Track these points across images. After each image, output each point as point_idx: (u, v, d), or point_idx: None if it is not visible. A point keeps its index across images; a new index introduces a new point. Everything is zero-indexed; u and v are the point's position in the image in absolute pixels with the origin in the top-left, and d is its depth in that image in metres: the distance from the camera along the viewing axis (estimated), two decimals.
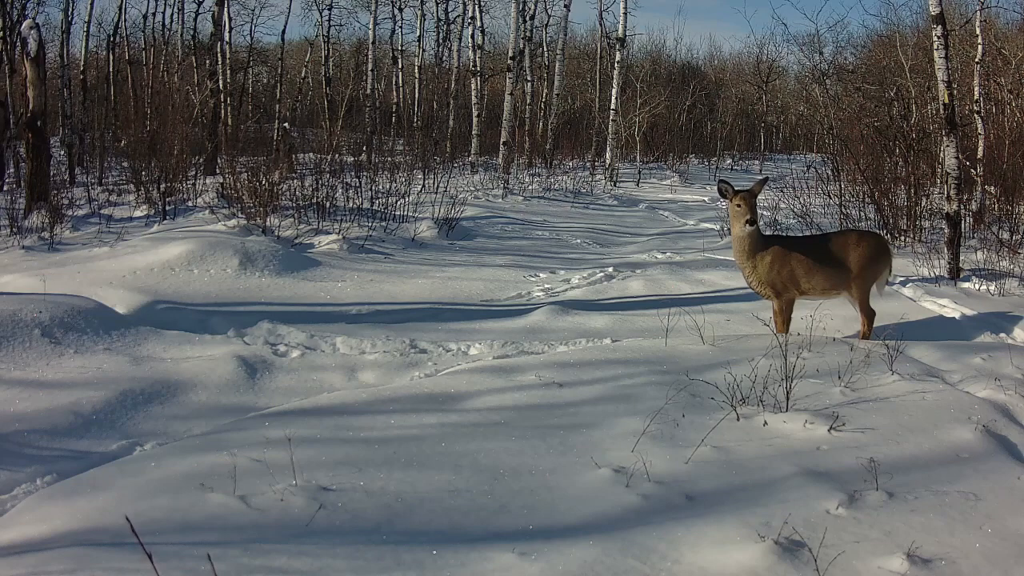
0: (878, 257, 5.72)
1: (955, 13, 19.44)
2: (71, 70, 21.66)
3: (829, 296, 5.79)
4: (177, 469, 3.37)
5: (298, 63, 35.94)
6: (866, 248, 5.67)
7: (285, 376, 4.99)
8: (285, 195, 10.12)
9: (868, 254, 5.65)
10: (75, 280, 6.83)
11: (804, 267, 5.57)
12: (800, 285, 5.58)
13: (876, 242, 5.85)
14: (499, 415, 4.07)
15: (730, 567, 2.67)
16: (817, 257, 5.63)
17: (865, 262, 5.62)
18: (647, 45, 37.18)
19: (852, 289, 5.64)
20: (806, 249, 5.70)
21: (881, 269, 5.76)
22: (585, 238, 11.15)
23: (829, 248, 5.73)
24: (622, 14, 20.77)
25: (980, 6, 13.02)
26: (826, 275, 5.61)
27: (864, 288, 5.65)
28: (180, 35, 26.67)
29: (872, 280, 5.71)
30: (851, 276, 5.60)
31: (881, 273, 5.77)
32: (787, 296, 5.61)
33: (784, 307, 5.61)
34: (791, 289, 5.59)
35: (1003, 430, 3.79)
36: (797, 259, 5.57)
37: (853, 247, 5.66)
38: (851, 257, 5.62)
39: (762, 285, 5.62)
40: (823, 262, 5.62)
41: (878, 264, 5.72)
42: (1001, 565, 2.72)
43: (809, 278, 5.58)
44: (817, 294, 5.70)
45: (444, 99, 27.65)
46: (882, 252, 5.78)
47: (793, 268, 5.56)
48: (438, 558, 2.69)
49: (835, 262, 5.62)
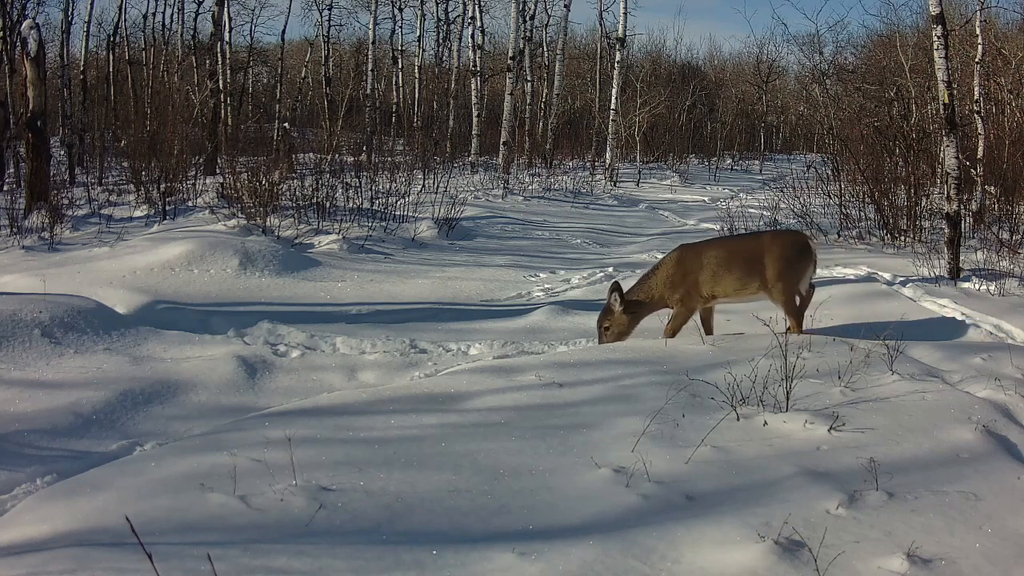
0: (798, 256, 5.49)
1: (955, 13, 19.45)
2: (71, 70, 21.65)
3: (743, 298, 5.59)
4: (177, 469, 3.37)
5: (298, 63, 35.94)
6: (782, 248, 5.47)
7: (285, 376, 5.00)
8: (285, 195, 10.13)
9: (785, 254, 5.44)
10: (75, 280, 6.83)
11: (709, 271, 5.41)
12: (703, 291, 5.41)
13: (793, 240, 5.62)
14: (499, 415, 4.06)
15: (730, 567, 2.67)
16: (726, 260, 5.45)
17: (783, 263, 5.42)
18: (647, 45, 37.25)
19: (772, 292, 5.44)
20: (713, 251, 5.54)
21: (804, 268, 5.51)
22: (585, 238, 11.15)
23: (741, 250, 5.56)
24: (622, 14, 20.78)
25: (980, 6, 13.02)
26: (736, 277, 5.42)
27: (787, 290, 5.44)
28: (180, 35, 26.68)
29: (796, 281, 5.48)
30: (769, 278, 5.40)
31: (805, 272, 5.52)
32: (689, 305, 5.44)
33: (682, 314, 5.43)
34: (694, 297, 5.42)
35: (1003, 430, 3.78)
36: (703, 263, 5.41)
37: (768, 248, 5.47)
38: (767, 259, 5.42)
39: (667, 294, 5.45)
40: (733, 265, 5.43)
41: (799, 263, 5.48)
42: (1001, 565, 2.72)
43: (715, 282, 5.40)
44: (730, 296, 5.52)
45: (444, 99, 27.65)
46: (802, 250, 5.53)
47: (697, 274, 5.40)
48: (438, 558, 2.69)
49: (748, 264, 5.43)
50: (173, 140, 12.36)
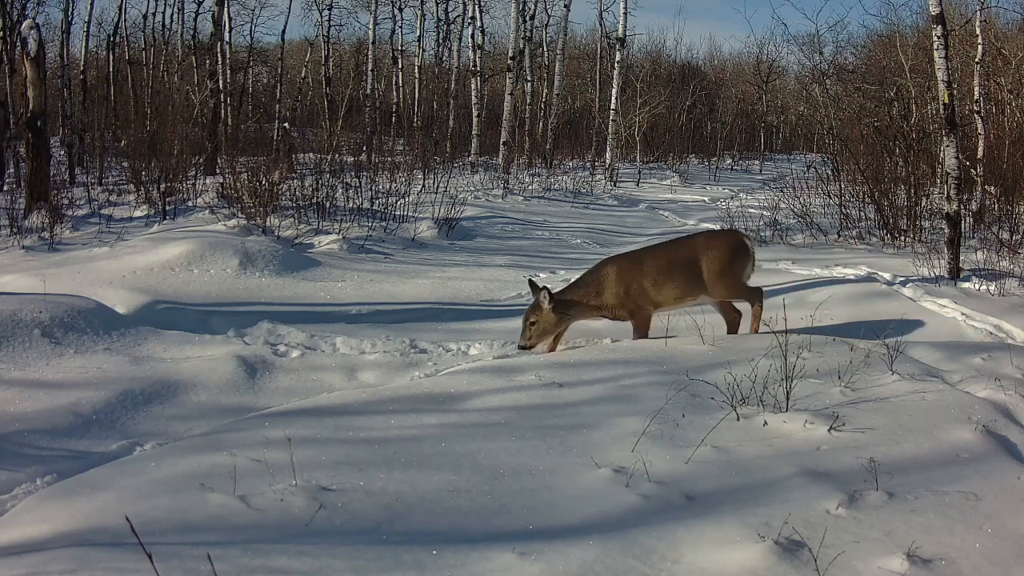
0: (735, 255, 5.45)
1: (955, 13, 19.45)
2: (71, 70, 21.66)
3: (686, 304, 5.57)
4: (177, 469, 3.37)
5: (298, 63, 35.95)
6: (718, 249, 5.44)
7: (285, 376, 5.00)
8: (285, 195, 10.13)
9: (722, 256, 5.41)
10: (75, 280, 6.83)
11: (651, 279, 5.37)
12: (651, 298, 5.39)
13: (729, 240, 5.59)
14: (499, 415, 4.06)
15: (730, 567, 2.67)
16: (666, 268, 5.42)
17: (720, 265, 5.39)
18: (647, 45, 37.27)
19: (714, 292, 5.41)
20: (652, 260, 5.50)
21: (743, 267, 5.48)
22: (585, 238, 11.15)
23: (678, 256, 5.51)
24: (622, 14, 20.78)
25: (980, 6, 13.02)
26: (677, 285, 5.39)
27: (730, 289, 5.42)
28: (180, 35, 26.68)
29: (737, 279, 5.46)
30: (708, 280, 5.37)
31: (744, 270, 5.49)
32: (644, 312, 5.42)
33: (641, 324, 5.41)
34: (645, 303, 5.39)
35: (1003, 430, 3.78)
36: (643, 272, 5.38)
37: (704, 250, 5.43)
38: (704, 261, 5.38)
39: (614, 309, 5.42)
40: (674, 271, 5.39)
41: (737, 263, 5.45)
42: (1001, 565, 2.72)
43: (657, 291, 5.38)
44: (671, 305, 5.50)
45: (444, 99, 27.65)
46: (739, 249, 5.50)
47: (641, 283, 5.36)
48: (438, 558, 2.68)
49: (688, 269, 5.39)
50: (173, 140, 12.36)
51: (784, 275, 8.05)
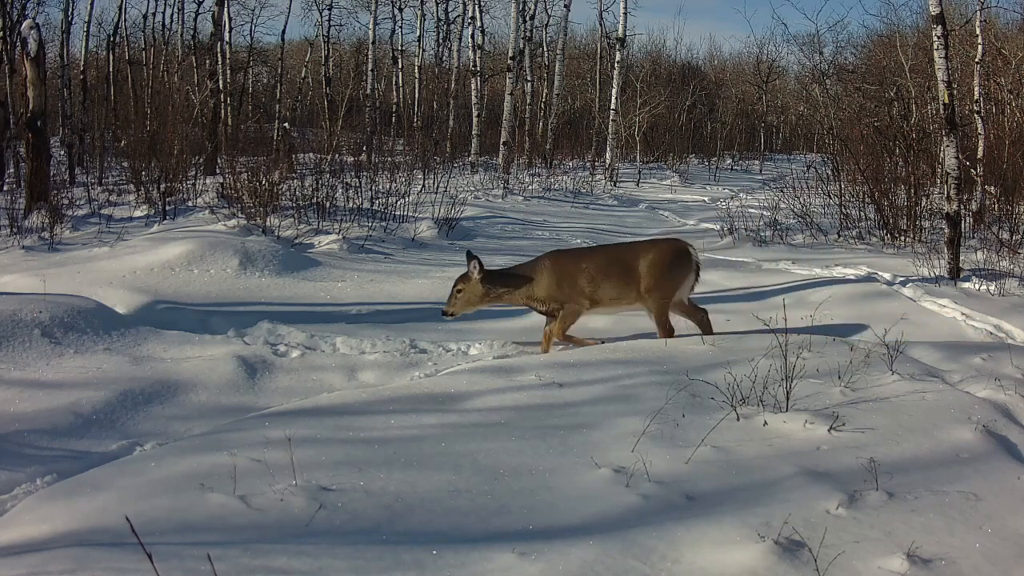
0: (675, 266, 5.41)
1: (955, 13, 19.45)
2: (71, 70, 21.66)
3: (621, 308, 5.55)
4: (177, 469, 3.37)
5: (298, 63, 35.94)
6: (658, 257, 5.40)
7: (285, 376, 4.99)
8: (285, 195, 10.12)
9: (661, 263, 5.37)
10: (75, 280, 6.83)
11: (587, 277, 5.37)
12: (586, 294, 5.39)
13: (671, 249, 5.52)
14: (499, 415, 4.06)
15: (730, 567, 2.67)
16: (604, 267, 5.42)
17: (658, 273, 5.35)
18: (647, 45, 37.27)
19: (646, 301, 5.40)
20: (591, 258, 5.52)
21: (682, 278, 5.43)
22: (585, 238, 11.15)
23: (619, 258, 5.51)
24: (622, 14, 20.78)
25: (980, 6, 13.03)
26: (613, 286, 5.38)
27: (661, 300, 5.38)
28: (180, 35, 26.68)
29: (671, 291, 5.42)
30: (643, 287, 5.35)
31: (683, 282, 5.44)
32: (575, 307, 5.41)
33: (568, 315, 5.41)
34: (578, 299, 5.39)
35: (1003, 430, 3.78)
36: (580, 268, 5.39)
37: (643, 256, 5.40)
38: (642, 267, 5.36)
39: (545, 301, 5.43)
40: (611, 272, 5.40)
41: (676, 273, 5.41)
42: (1001, 565, 2.72)
43: (594, 288, 5.37)
44: (607, 305, 5.49)
45: (444, 99, 27.65)
46: (680, 260, 5.45)
47: (576, 279, 5.37)
48: (438, 558, 2.69)
49: (626, 273, 5.38)
50: (173, 140, 12.36)
51: (784, 275, 8.05)
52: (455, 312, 5.49)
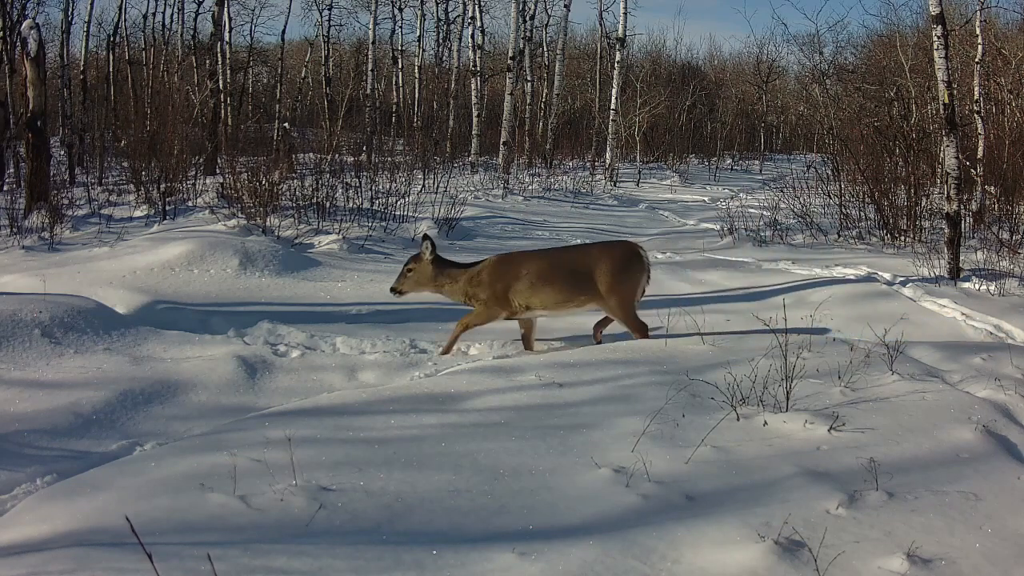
0: (629, 268, 5.44)
1: (955, 13, 19.45)
2: (71, 70, 21.66)
3: (566, 312, 5.55)
4: (177, 469, 3.37)
5: (298, 63, 35.94)
6: (612, 260, 5.41)
7: (285, 376, 4.99)
8: (285, 195, 10.12)
9: (616, 266, 5.39)
10: (75, 280, 6.83)
11: (526, 283, 5.39)
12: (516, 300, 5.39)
13: (624, 251, 5.54)
14: (499, 415, 4.06)
15: (730, 567, 2.67)
16: (546, 272, 5.43)
17: (615, 276, 5.38)
18: (647, 45, 37.25)
19: (608, 304, 5.42)
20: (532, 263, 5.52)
21: (638, 278, 5.46)
22: (585, 238, 11.14)
23: (566, 262, 5.54)
24: (622, 14, 20.79)
25: (980, 6, 13.03)
26: (556, 290, 5.40)
27: (624, 302, 5.41)
28: (180, 35, 26.68)
29: (631, 292, 5.44)
30: (602, 292, 5.37)
31: (639, 282, 5.47)
32: (491, 311, 5.43)
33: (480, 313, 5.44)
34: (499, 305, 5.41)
35: (1003, 430, 3.78)
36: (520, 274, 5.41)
37: (597, 261, 5.42)
38: (597, 272, 5.37)
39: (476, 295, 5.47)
40: (554, 277, 5.42)
41: (632, 274, 5.44)
42: (1001, 565, 2.72)
43: (532, 293, 5.39)
44: (549, 308, 5.49)
45: (444, 99, 27.65)
46: (633, 260, 5.47)
47: (511, 283, 5.40)
48: (438, 558, 2.69)
49: (574, 277, 5.40)
50: (173, 140, 12.35)
51: (784, 275, 8.05)
52: (403, 290, 5.62)
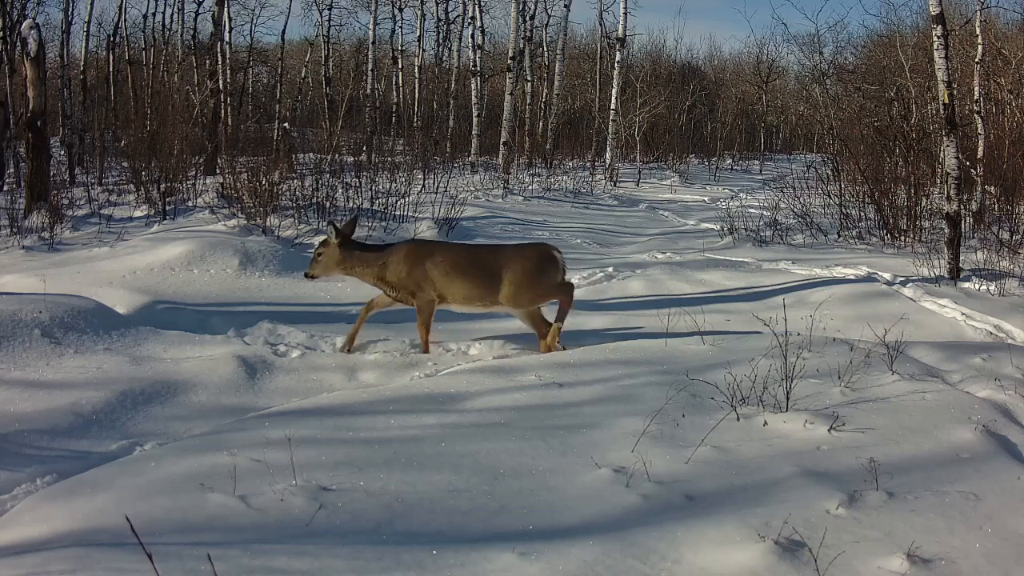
0: (542, 271, 5.44)
1: (955, 13, 19.45)
2: (71, 70, 21.64)
3: (477, 308, 5.57)
4: (177, 469, 3.37)
5: (298, 63, 35.91)
6: (524, 263, 5.41)
7: (285, 376, 4.99)
8: (285, 195, 10.12)
9: (528, 269, 5.39)
10: (75, 280, 6.83)
11: (441, 270, 5.40)
12: (435, 287, 5.42)
13: (537, 254, 5.53)
14: (499, 415, 4.07)
15: (730, 567, 2.67)
16: (458, 265, 5.45)
17: (525, 278, 5.38)
18: (647, 45, 37.18)
19: (519, 303, 5.42)
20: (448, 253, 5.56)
21: (551, 283, 5.47)
22: (585, 238, 11.15)
23: (481, 259, 5.54)
24: (622, 14, 20.78)
25: (980, 6, 13.03)
26: (466, 286, 5.41)
27: (531, 305, 5.42)
28: (180, 35, 26.65)
29: (542, 296, 5.45)
30: (510, 293, 5.37)
31: (552, 286, 5.48)
32: (424, 297, 5.44)
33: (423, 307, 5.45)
34: (426, 290, 5.43)
35: (1003, 430, 3.78)
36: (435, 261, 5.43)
37: (508, 263, 5.42)
38: (507, 274, 5.37)
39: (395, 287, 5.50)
40: (466, 272, 5.43)
41: (544, 277, 5.44)
42: (1001, 565, 2.72)
43: (445, 284, 5.40)
44: (459, 303, 5.51)
45: (444, 99, 27.64)
46: (545, 265, 5.47)
47: (427, 270, 5.41)
48: (438, 558, 2.69)
49: (484, 276, 5.41)
50: (173, 140, 12.34)
51: (784, 275, 8.06)
52: (315, 274, 5.71)
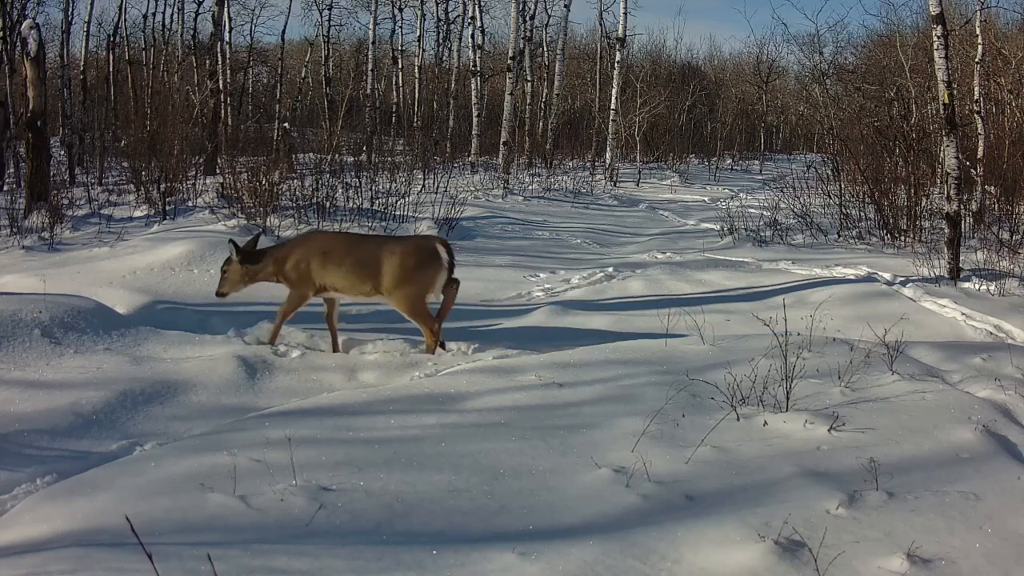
0: (422, 265, 5.41)
1: (955, 13, 19.44)
2: (71, 70, 21.65)
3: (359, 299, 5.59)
4: (177, 469, 3.37)
5: (298, 63, 35.90)
6: (402, 256, 5.40)
7: (285, 376, 4.99)
8: (285, 195, 10.13)
9: (406, 263, 5.38)
10: (75, 280, 6.83)
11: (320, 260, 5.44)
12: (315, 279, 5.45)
13: (416, 249, 5.50)
14: (499, 415, 4.06)
15: (730, 567, 2.67)
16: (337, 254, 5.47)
17: (403, 272, 5.36)
18: (647, 45, 37.17)
19: (392, 300, 5.43)
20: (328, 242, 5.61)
21: (432, 276, 5.42)
22: (585, 238, 11.15)
23: (362, 250, 5.54)
24: (622, 14, 20.79)
25: (980, 6, 13.03)
26: (344, 274, 5.42)
27: (408, 299, 5.39)
28: (180, 35, 26.65)
29: (421, 290, 5.42)
30: (386, 286, 5.38)
31: (433, 280, 5.43)
32: (300, 291, 5.49)
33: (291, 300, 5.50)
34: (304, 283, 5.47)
35: (1003, 430, 3.78)
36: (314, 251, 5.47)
37: (387, 255, 5.41)
38: (385, 266, 5.37)
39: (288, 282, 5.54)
40: (344, 260, 5.44)
41: (424, 272, 5.41)
42: (1001, 565, 2.72)
43: (324, 273, 5.43)
44: (342, 292, 5.52)
45: (444, 99, 27.64)
46: (428, 259, 5.43)
47: (309, 261, 5.45)
48: (438, 558, 2.69)
49: (363, 265, 5.41)
50: (173, 140, 12.35)
51: (784, 275, 8.06)
52: (224, 292, 5.73)
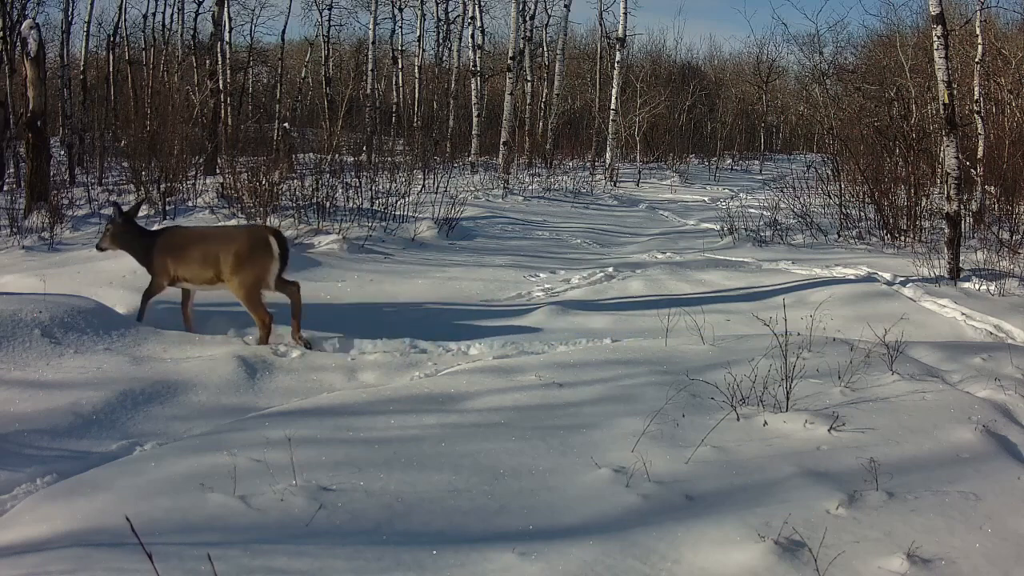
0: (253, 255, 5.42)
1: (955, 13, 19.43)
2: (71, 70, 21.64)
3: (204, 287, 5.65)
4: (177, 469, 3.37)
5: (298, 63, 35.90)
6: (237, 244, 5.45)
7: (285, 376, 4.99)
8: (285, 195, 10.12)
9: (239, 252, 5.42)
10: (75, 280, 6.82)
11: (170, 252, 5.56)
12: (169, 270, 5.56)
13: (248, 238, 5.54)
14: (499, 415, 4.07)
15: (730, 567, 2.67)
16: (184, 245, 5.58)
17: (236, 261, 5.40)
18: (647, 45, 37.15)
19: (229, 287, 5.47)
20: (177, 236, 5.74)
21: (264, 265, 5.44)
22: (585, 238, 11.15)
23: (203, 241, 5.64)
24: (622, 14, 20.78)
25: (980, 6, 13.03)
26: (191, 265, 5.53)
27: (245, 288, 5.41)
28: (180, 35, 26.63)
29: (254, 279, 5.43)
30: (224, 273, 5.43)
31: (266, 269, 5.44)
32: (157, 281, 5.64)
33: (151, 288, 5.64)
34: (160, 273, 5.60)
35: (1003, 430, 3.79)
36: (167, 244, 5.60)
37: (224, 243, 5.48)
38: (222, 254, 5.44)
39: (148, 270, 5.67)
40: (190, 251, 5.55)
41: (257, 260, 5.43)
42: (1001, 565, 2.72)
43: (177, 264, 5.55)
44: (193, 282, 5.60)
45: (444, 99, 27.64)
46: (258, 249, 5.44)
47: (163, 252, 5.57)
48: (438, 558, 2.69)
49: (205, 255, 5.50)
50: (173, 140, 12.35)
51: (784, 275, 8.06)
52: (102, 247, 5.94)
